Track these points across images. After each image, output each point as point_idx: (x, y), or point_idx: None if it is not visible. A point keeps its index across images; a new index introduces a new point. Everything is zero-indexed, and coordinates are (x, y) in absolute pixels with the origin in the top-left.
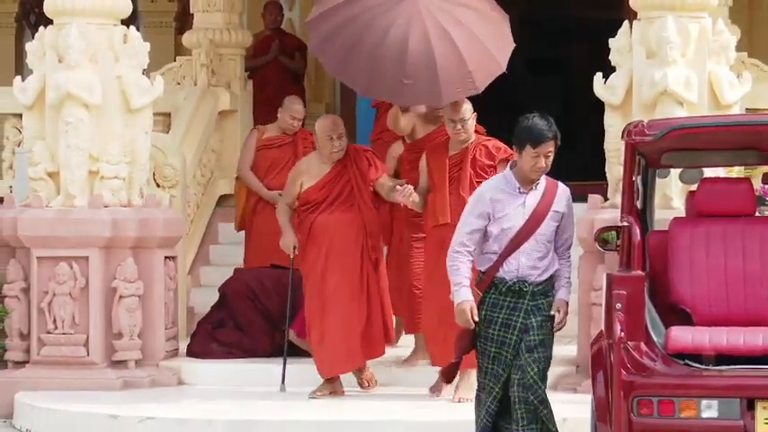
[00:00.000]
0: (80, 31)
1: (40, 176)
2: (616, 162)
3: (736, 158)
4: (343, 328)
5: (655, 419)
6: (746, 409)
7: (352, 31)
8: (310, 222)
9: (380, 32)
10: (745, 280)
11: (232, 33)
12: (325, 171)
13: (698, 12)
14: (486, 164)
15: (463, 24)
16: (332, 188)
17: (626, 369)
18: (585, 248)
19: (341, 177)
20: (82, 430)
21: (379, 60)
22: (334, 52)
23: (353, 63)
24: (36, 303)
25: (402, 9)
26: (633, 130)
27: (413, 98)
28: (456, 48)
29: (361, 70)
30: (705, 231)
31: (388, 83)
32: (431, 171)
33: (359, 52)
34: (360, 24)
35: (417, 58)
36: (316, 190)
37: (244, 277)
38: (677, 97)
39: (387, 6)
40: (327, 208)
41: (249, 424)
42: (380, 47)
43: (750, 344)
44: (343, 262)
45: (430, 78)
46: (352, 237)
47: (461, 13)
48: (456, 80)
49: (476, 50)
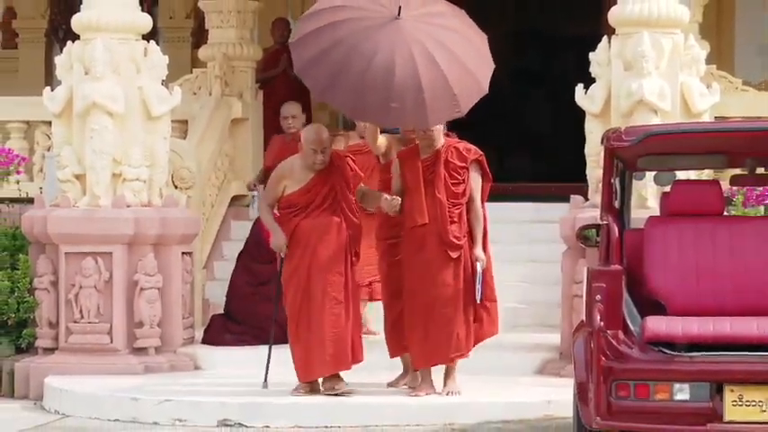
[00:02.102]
0: (104, 46)
1: (68, 179)
2: (596, 165)
3: (705, 162)
4: (330, 331)
5: (631, 401)
6: (715, 392)
7: (337, 55)
8: (294, 225)
9: (367, 56)
10: (714, 274)
11: (244, 47)
12: (309, 177)
13: (671, 28)
14: (458, 165)
15: (447, 47)
16: (316, 194)
17: (605, 355)
18: (568, 244)
19: (324, 183)
20: (106, 411)
21: (366, 84)
22: (320, 77)
23: (340, 87)
24: (64, 295)
25: (387, 33)
26: (612, 136)
27: (399, 121)
28: (441, 71)
29: (348, 93)
30: (677, 229)
31: (375, 106)
32: (404, 175)
33: (346, 76)
34: (345, 48)
35: (404, 82)
36: (299, 195)
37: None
38: (652, 106)
39: (372, 31)
40: (312, 212)
41: (260, 406)
42: (367, 71)
43: (719, 332)
44: (329, 265)
45: (416, 101)
46: (336, 241)
47: (444, 36)
48: (442, 103)
49: (460, 73)
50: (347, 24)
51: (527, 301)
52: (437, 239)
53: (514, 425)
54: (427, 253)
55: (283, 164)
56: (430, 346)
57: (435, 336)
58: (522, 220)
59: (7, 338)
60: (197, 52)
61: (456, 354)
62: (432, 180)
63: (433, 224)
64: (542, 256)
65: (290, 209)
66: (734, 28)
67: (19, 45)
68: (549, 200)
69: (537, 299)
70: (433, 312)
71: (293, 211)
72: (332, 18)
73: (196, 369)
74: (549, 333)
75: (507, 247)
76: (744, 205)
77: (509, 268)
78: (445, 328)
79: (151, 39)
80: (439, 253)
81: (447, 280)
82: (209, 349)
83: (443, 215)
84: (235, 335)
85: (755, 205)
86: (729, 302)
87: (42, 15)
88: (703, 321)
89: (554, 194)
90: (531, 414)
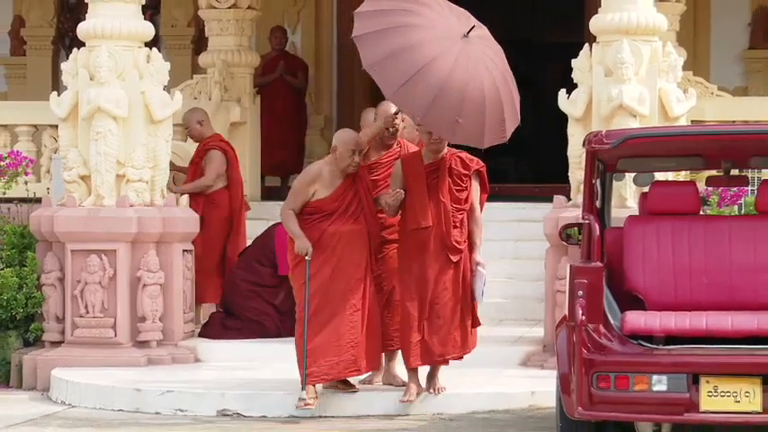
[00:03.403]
0: (109, 53)
1: (74, 180)
2: (578, 167)
3: (682, 164)
4: (347, 337)
5: (612, 392)
6: (692, 383)
7: (411, 61)
8: (321, 231)
9: (444, 70)
10: (690, 270)
11: (242, 54)
12: (338, 182)
13: (649, 36)
14: (462, 173)
15: (501, 73)
16: (344, 200)
17: (587, 348)
18: (551, 242)
19: (350, 189)
20: (110, 402)
21: (441, 97)
22: (393, 78)
23: (412, 92)
24: (70, 291)
25: (459, 50)
26: (593, 139)
27: (462, 137)
28: (499, 96)
29: (422, 100)
30: (656, 228)
31: (444, 119)
32: (407, 178)
33: (422, 84)
34: (419, 55)
35: (472, 102)
36: (330, 201)
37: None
38: (631, 111)
39: (445, 42)
40: (339, 218)
41: (257, 396)
42: (444, 87)
43: (695, 326)
44: (352, 272)
45: (477, 121)
46: (360, 248)
47: (498, 61)
48: (495, 127)
49: (507, 100)
50: (420, 31)
51: (512, 297)
52: (440, 243)
53: (500, 415)
54: (428, 255)
55: (311, 169)
56: (426, 346)
57: (432, 336)
58: (507, 220)
59: (16, 332)
60: (197, 59)
61: (452, 355)
62: (436, 185)
63: (437, 228)
64: (527, 254)
65: (315, 215)
66: (709, 36)
67: (27, 52)
68: (533, 200)
69: (521, 294)
70: (431, 314)
71: (319, 217)
72: (403, 21)
73: (196, 361)
74: (532, 327)
75: (494, 245)
76: (719, 205)
77: (495, 265)
78: (442, 329)
79: (153, 46)
80: (440, 256)
81: (446, 283)
82: (210, 342)
83: (447, 219)
84: (233, 330)
85: (730, 205)
86: (705, 298)
87: (50, 24)
88: (680, 316)
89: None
90: (516, 404)
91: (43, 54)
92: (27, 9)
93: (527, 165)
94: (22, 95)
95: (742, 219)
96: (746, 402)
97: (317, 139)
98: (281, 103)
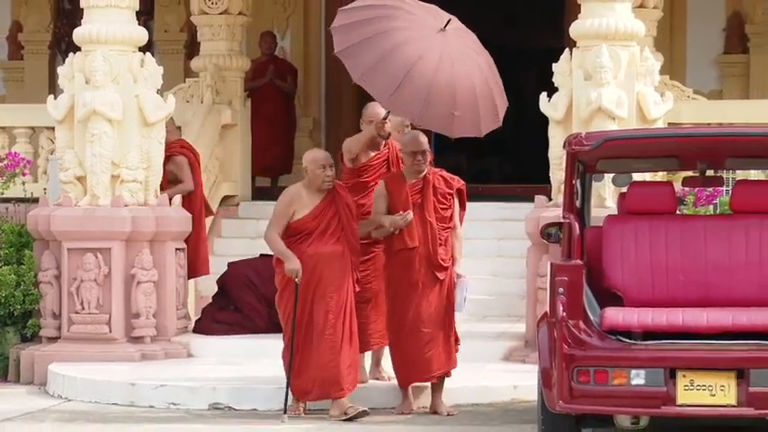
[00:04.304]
0: (104, 57)
1: (70, 180)
2: (558, 168)
3: (659, 165)
4: (328, 357)
5: (591, 386)
6: (669, 378)
7: (397, 65)
8: (300, 253)
9: (429, 68)
10: (667, 268)
11: (233, 59)
12: (317, 201)
13: (627, 41)
14: (446, 191)
15: (485, 59)
16: (322, 219)
17: (567, 343)
18: (533, 241)
19: (330, 208)
20: (105, 396)
21: (431, 94)
22: (383, 85)
23: (408, 97)
24: (66, 288)
25: (440, 44)
26: (573, 140)
27: (460, 129)
28: (488, 83)
29: (415, 103)
30: (634, 227)
31: (441, 115)
32: (392, 198)
33: (410, 87)
34: (404, 57)
35: (464, 93)
36: (309, 220)
37: (239, 269)
38: (610, 113)
39: (427, 41)
40: (318, 239)
41: (248, 390)
42: (432, 84)
43: (672, 322)
44: (332, 293)
45: (473, 111)
46: (340, 269)
47: (478, 48)
48: (489, 113)
49: (495, 84)
50: (401, 33)
51: (495, 293)
52: (426, 262)
53: (484, 408)
54: (414, 274)
55: (289, 190)
56: (413, 365)
57: (418, 355)
58: (490, 219)
59: (14, 328)
60: (190, 63)
61: (438, 371)
62: (421, 204)
63: (423, 246)
64: (509, 252)
65: (296, 236)
66: (685, 41)
67: (25, 57)
68: (515, 200)
69: (504, 291)
70: (417, 332)
71: (299, 238)
72: (381, 27)
73: (189, 357)
74: (515, 323)
75: (477, 244)
76: (695, 205)
77: (479, 263)
78: (427, 346)
79: (147, 51)
80: (426, 274)
81: (432, 300)
82: (201, 338)
83: (434, 238)
84: (222, 324)
85: (705, 205)
86: (681, 295)
87: (46, 29)
88: (657, 312)
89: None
90: (498, 398)
91: (40, 58)
92: (25, 15)
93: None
94: (20, 98)
95: (717, 218)
96: (722, 396)
97: (306, 141)
98: (271, 107)
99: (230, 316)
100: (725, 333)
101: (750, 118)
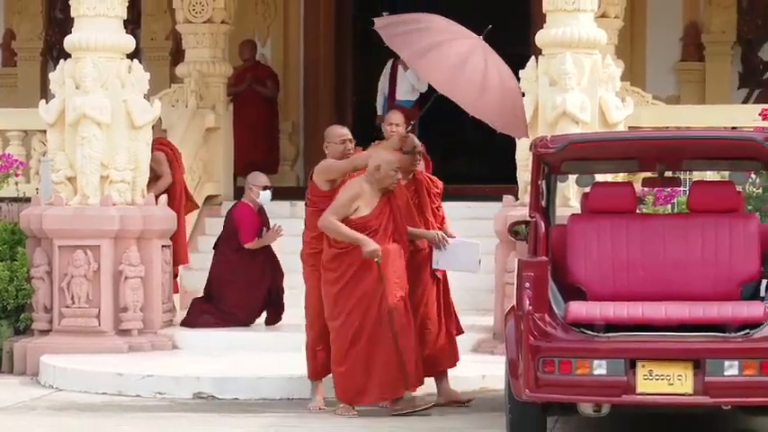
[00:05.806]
0: (93, 63)
1: (61, 181)
2: (525, 169)
3: (621, 167)
4: (396, 355)
5: (556, 376)
6: (629, 368)
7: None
8: None
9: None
10: (628, 264)
11: (216, 65)
12: (377, 199)
13: (590, 49)
14: (436, 191)
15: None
16: (382, 218)
17: (533, 335)
18: (501, 238)
19: (386, 207)
20: (94, 386)
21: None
22: (468, 94)
23: (487, 103)
24: (57, 283)
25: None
26: (539, 143)
27: (515, 130)
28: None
29: (494, 109)
30: (596, 225)
31: (507, 117)
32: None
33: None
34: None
35: (511, 97)
36: (372, 218)
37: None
38: (574, 117)
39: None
40: (381, 236)
41: (230, 380)
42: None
43: (632, 315)
44: (397, 291)
45: (518, 114)
46: (400, 266)
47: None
48: (522, 121)
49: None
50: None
51: (465, 288)
52: (426, 261)
53: None
54: (417, 274)
55: (352, 185)
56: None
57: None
58: (460, 218)
59: (7, 322)
60: (175, 69)
61: (446, 366)
62: (419, 205)
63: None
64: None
65: (364, 231)
66: (645, 49)
67: (18, 63)
68: (484, 199)
69: (473, 286)
70: (422, 330)
71: (367, 234)
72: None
73: (174, 348)
74: (483, 316)
75: None
76: (654, 204)
77: None
78: (433, 341)
79: (134, 57)
80: (426, 273)
81: (432, 299)
82: (186, 330)
83: None
84: (209, 316)
85: (664, 204)
86: (641, 289)
87: (38, 37)
88: (619, 306)
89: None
90: (468, 387)
91: (33, 65)
92: (18, 23)
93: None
94: (13, 103)
95: (675, 217)
96: (679, 385)
97: (286, 143)
98: (253, 110)
99: (214, 307)
100: (682, 326)
101: (706, 122)
